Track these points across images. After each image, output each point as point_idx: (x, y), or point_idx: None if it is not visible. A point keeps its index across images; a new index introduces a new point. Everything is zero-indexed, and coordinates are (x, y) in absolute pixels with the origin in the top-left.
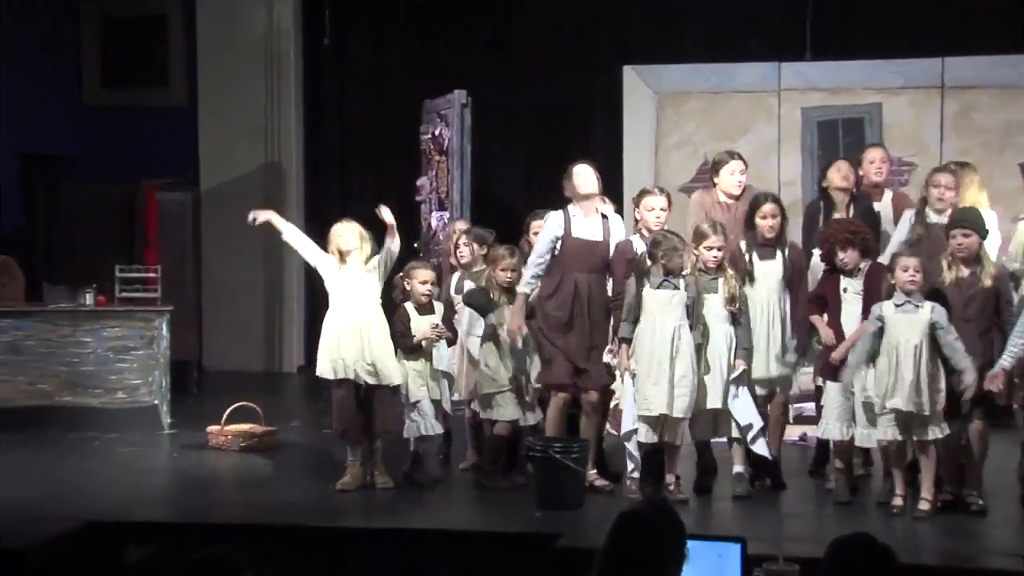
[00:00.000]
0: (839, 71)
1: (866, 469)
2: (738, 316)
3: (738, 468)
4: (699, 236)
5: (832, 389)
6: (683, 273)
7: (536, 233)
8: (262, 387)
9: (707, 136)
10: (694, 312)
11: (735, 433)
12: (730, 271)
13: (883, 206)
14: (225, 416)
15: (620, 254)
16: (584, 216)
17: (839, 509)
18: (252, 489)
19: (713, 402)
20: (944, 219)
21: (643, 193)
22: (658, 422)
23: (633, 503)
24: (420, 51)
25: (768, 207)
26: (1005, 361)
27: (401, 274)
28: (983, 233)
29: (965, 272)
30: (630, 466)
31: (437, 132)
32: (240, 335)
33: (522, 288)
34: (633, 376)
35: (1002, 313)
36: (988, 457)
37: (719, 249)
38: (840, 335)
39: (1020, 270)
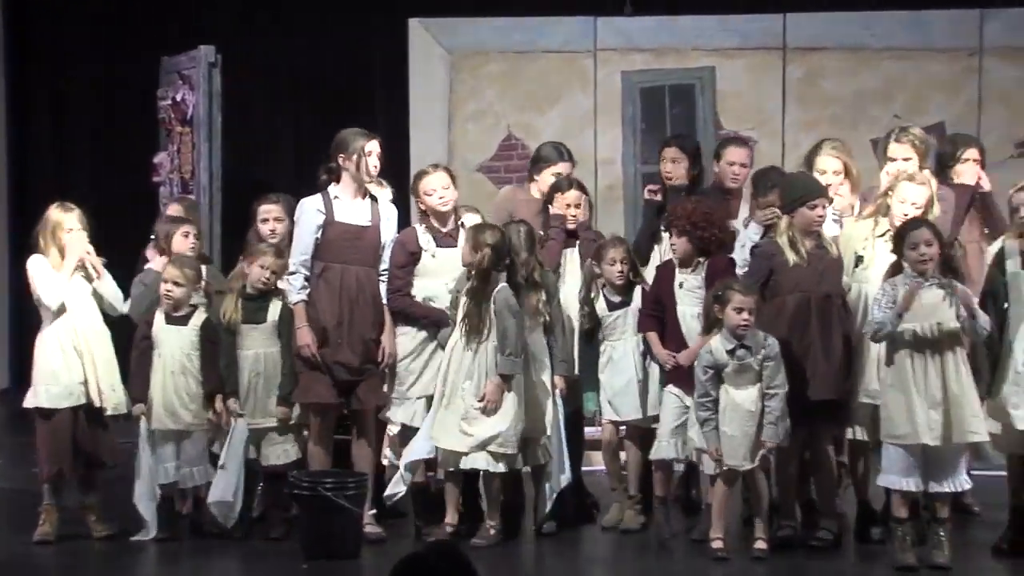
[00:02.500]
0: (666, 28)
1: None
2: (549, 326)
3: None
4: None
5: (670, 400)
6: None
7: (266, 220)
8: None
9: (510, 105)
10: None
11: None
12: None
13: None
14: None
15: (399, 246)
16: (350, 198)
17: (645, 553)
18: None
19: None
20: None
21: (420, 175)
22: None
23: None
24: None
25: (572, 194)
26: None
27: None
28: (829, 198)
29: (810, 245)
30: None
31: (179, 97)
32: None
33: (297, 297)
34: None
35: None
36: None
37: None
38: (679, 338)
39: (848, 282)
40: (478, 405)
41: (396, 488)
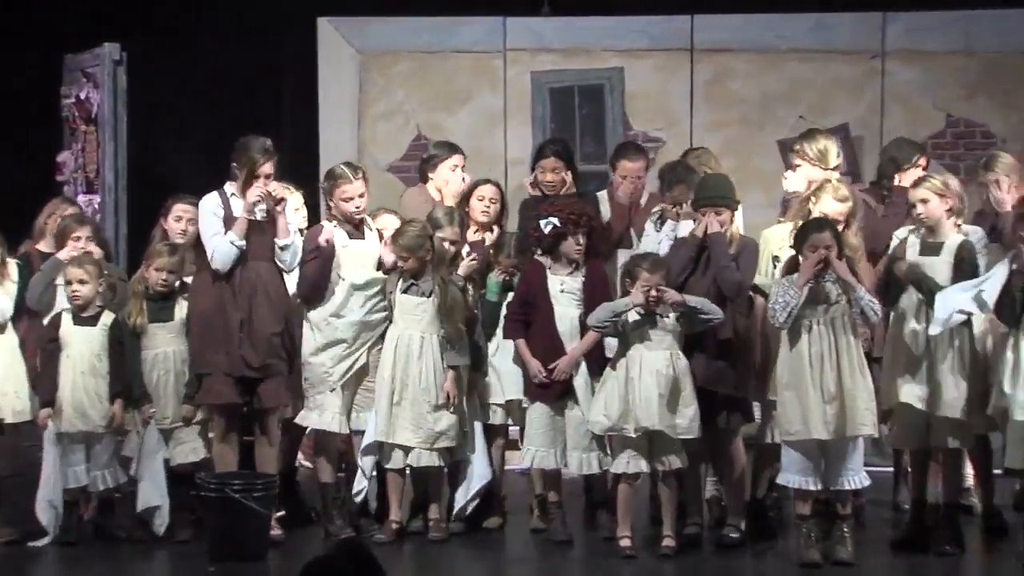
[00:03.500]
0: (575, 29)
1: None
2: (471, 321)
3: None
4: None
5: (541, 412)
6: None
7: (180, 219)
8: None
9: (420, 105)
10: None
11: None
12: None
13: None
14: None
15: (307, 242)
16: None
17: (555, 552)
18: None
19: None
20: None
21: (339, 181)
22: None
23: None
24: None
25: (486, 189)
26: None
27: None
28: (735, 206)
29: None
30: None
31: (83, 95)
32: None
33: (237, 240)
34: None
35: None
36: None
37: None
38: (553, 342)
39: (765, 283)
40: (433, 400)
41: (360, 485)
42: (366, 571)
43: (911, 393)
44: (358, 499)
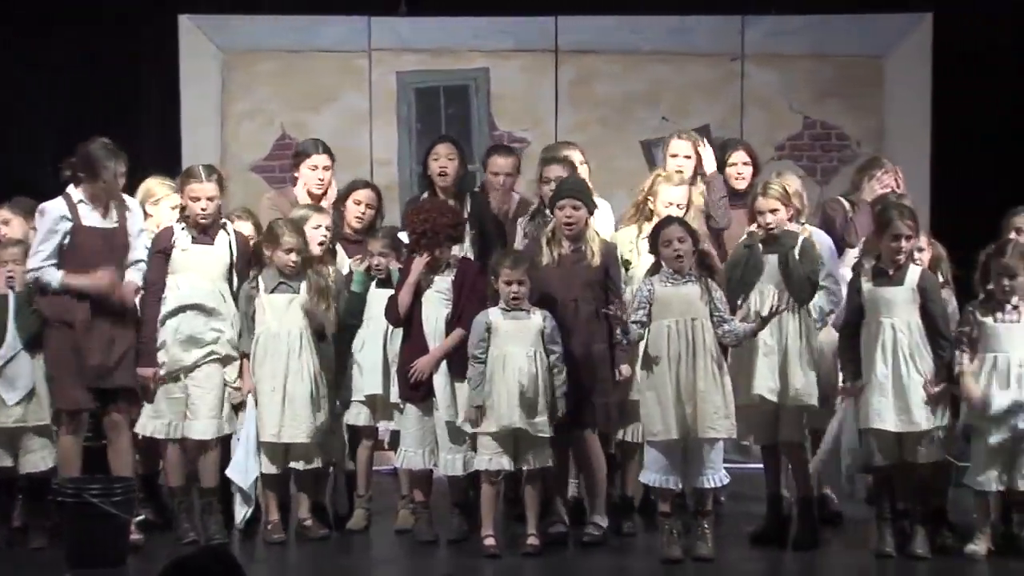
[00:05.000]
0: (440, 29)
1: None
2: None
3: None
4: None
5: (411, 412)
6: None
7: (6, 222)
8: None
9: (284, 104)
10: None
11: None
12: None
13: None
14: None
15: (154, 247)
16: (95, 200)
17: (420, 552)
18: None
19: None
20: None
21: (189, 177)
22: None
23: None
24: None
25: (363, 193)
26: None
27: None
28: (591, 206)
29: (567, 248)
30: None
31: None
32: None
33: (58, 278)
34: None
35: (609, 299)
36: None
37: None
38: (421, 342)
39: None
40: (315, 396)
41: (243, 510)
42: (230, 573)
43: (763, 386)
44: (240, 521)
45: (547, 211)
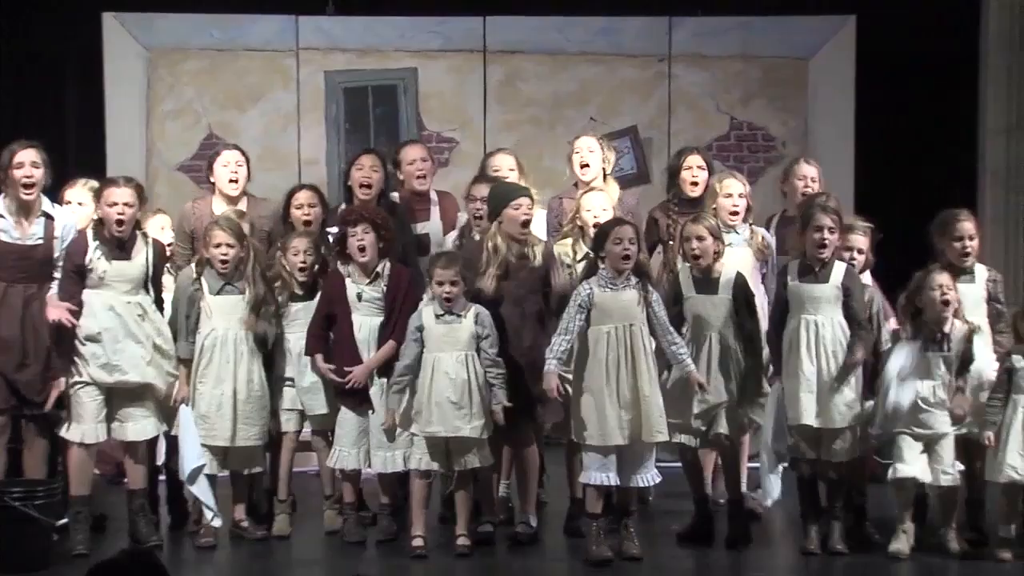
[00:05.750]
0: (369, 29)
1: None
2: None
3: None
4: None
5: (344, 413)
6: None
7: None
8: None
9: (211, 103)
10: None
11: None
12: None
13: (431, 227)
14: None
15: (68, 261)
16: (14, 213)
17: (347, 553)
18: None
19: None
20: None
21: (106, 184)
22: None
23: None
24: None
25: (301, 195)
26: (551, 364)
27: None
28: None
29: (516, 250)
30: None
31: None
32: None
33: None
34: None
35: (550, 301)
36: None
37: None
38: (352, 350)
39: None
40: (263, 396)
41: (208, 516)
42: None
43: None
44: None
45: (474, 231)
